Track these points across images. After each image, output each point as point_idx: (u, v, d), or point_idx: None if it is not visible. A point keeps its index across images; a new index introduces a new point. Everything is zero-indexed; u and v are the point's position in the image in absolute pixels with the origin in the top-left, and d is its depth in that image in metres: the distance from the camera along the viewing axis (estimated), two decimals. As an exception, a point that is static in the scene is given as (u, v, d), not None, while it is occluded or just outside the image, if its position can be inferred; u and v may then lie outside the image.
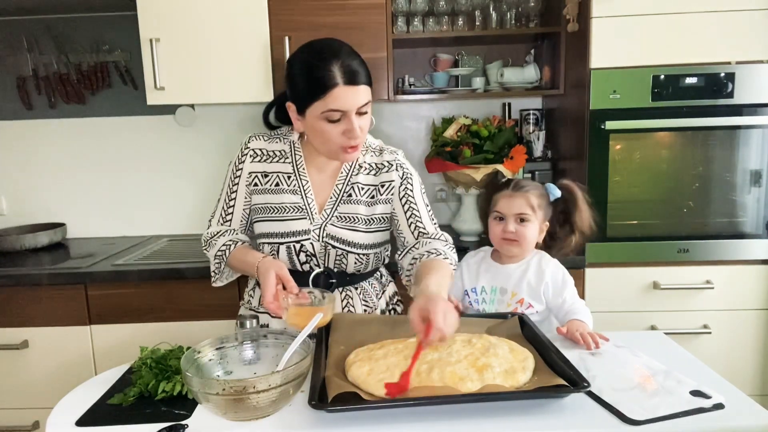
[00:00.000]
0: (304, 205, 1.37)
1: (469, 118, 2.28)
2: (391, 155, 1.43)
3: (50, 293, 1.97)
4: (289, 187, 1.38)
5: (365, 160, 1.41)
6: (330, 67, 1.21)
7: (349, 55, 1.25)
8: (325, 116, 1.24)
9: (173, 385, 1.09)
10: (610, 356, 1.20)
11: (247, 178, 1.41)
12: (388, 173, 1.40)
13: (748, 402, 1.01)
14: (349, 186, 1.39)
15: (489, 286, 1.50)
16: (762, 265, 2.02)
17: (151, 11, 2.09)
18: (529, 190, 1.48)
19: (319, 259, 1.39)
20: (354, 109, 1.24)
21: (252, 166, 1.41)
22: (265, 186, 1.40)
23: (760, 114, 1.96)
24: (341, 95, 1.22)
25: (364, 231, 1.39)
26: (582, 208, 1.50)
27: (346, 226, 1.37)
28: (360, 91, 1.24)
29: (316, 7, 2.10)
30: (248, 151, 1.41)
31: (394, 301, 1.55)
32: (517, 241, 1.45)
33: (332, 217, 1.37)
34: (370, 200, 1.40)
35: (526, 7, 2.25)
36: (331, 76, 1.21)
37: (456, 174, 2.18)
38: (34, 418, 2.05)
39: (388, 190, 1.40)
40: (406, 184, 1.41)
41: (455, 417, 0.97)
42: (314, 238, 1.37)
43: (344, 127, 1.25)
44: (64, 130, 2.53)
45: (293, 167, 1.39)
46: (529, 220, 1.46)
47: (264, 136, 1.43)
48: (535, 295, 1.44)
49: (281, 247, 1.38)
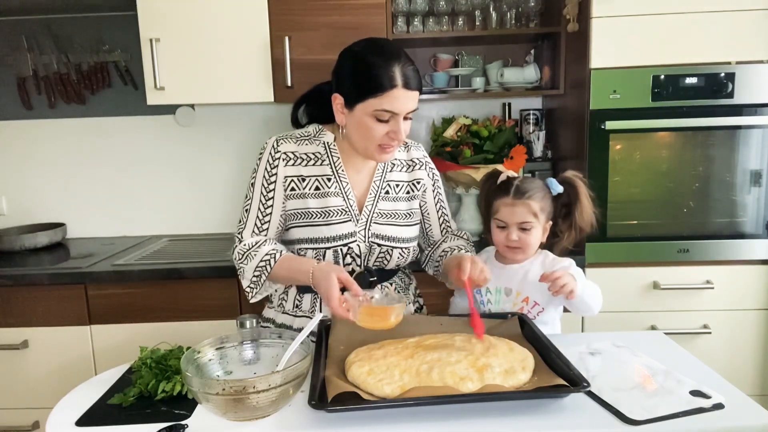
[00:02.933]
0: (347, 207, 1.37)
1: (469, 118, 2.28)
2: (417, 152, 1.49)
3: (50, 293, 1.97)
4: (330, 189, 1.37)
5: (396, 157, 1.47)
6: (392, 68, 1.24)
7: (408, 60, 1.29)
8: (375, 114, 1.26)
9: (173, 385, 1.09)
10: (610, 356, 1.20)
11: (283, 184, 1.36)
12: (419, 171, 1.48)
13: (748, 402, 1.01)
14: (385, 183, 1.43)
15: (493, 286, 1.49)
16: (762, 265, 2.02)
17: (151, 11, 2.09)
18: (531, 195, 1.44)
19: (364, 259, 1.39)
20: (404, 112, 1.27)
21: (286, 170, 1.36)
22: (304, 190, 1.36)
23: (760, 114, 1.96)
24: (398, 97, 1.24)
25: (405, 225, 1.43)
26: (583, 202, 1.46)
27: (388, 222, 1.40)
28: (414, 96, 1.28)
29: (316, 7, 2.10)
30: (280, 155, 1.36)
31: (417, 293, 1.58)
32: (521, 248, 1.45)
33: (373, 215, 1.39)
34: (406, 195, 1.45)
35: (526, 7, 2.25)
36: (392, 77, 1.23)
37: (456, 174, 2.18)
38: (34, 418, 2.05)
39: (420, 187, 1.47)
40: (437, 183, 1.51)
41: (455, 417, 0.97)
42: (360, 240, 1.37)
43: (390, 128, 1.28)
44: (64, 130, 2.53)
45: (332, 169, 1.38)
46: (532, 227, 1.43)
47: (291, 138, 1.39)
48: (539, 292, 1.43)
49: (328, 252, 1.36)
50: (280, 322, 1.44)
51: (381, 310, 1.17)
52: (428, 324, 1.28)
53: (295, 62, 2.11)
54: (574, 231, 1.48)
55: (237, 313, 1.86)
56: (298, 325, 1.40)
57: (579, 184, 1.47)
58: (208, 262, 2.02)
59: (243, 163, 2.52)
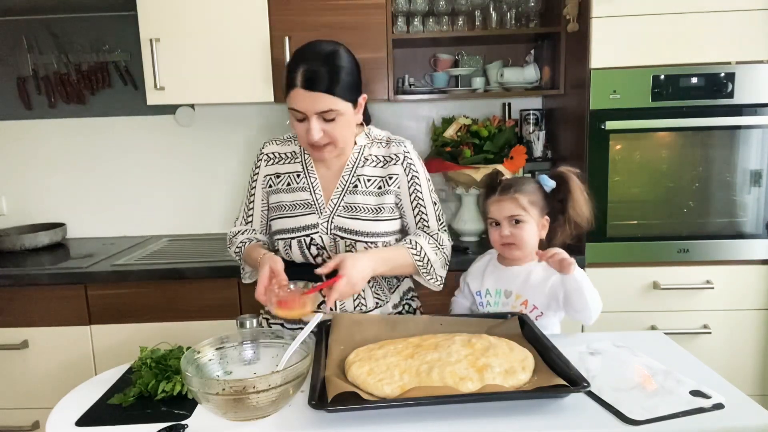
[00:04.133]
0: (313, 201, 1.44)
1: (469, 118, 2.28)
2: (397, 147, 1.48)
3: (50, 293, 1.97)
4: (298, 184, 1.46)
5: (371, 153, 1.48)
6: (296, 69, 1.31)
7: (319, 62, 1.31)
8: (291, 113, 1.35)
9: (173, 385, 1.09)
10: (610, 356, 1.20)
11: (263, 181, 1.51)
12: (395, 166, 1.46)
13: (748, 402, 1.01)
14: (355, 177, 1.45)
15: (494, 288, 1.49)
16: (762, 265, 2.02)
17: (151, 11, 2.09)
18: (518, 190, 1.44)
19: (330, 251, 1.43)
20: (311, 112, 1.32)
21: (266, 170, 1.51)
22: (279, 186, 1.49)
23: (760, 114, 1.96)
24: (298, 97, 1.31)
25: (371, 219, 1.43)
26: (576, 195, 1.44)
27: (352, 215, 1.42)
28: (317, 97, 1.30)
29: (316, 7, 2.10)
30: (263, 156, 1.52)
31: (409, 296, 1.57)
32: (515, 244, 1.45)
33: (338, 208, 1.43)
34: (377, 191, 1.45)
35: (526, 7, 2.25)
36: (294, 77, 1.31)
37: (456, 174, 2.18)
38: (34, 418, 2.05)
39: (395, 182, 1.46)
40: (415, 180, 1.47)
41: (455, 417, 0.97)
42: (323, 231, 1.42)
43: (307, 128, 1.34)
44: (64, 130, 2.53)
45: (302, 166, 1.48)
46: (523, 221, 1.43)
47: (278, 141, 1.54)
48: (539, 296, 1.43)
49: (293, 242, 1.44)
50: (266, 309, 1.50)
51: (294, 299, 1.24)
52: (428, 324, 1.28)
53: (295, 62, 2.11)
54: (569, 225, 1.46)
55: (237, 313, 1.85)
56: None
57: (570, 178, 1.45)
58: (208, 262, 2.02)
59: (243, 162, 2.52)
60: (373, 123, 1.59)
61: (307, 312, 1.25)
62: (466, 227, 2.26)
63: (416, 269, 1.43)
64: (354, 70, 1.37)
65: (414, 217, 1.49)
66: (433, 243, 1.45)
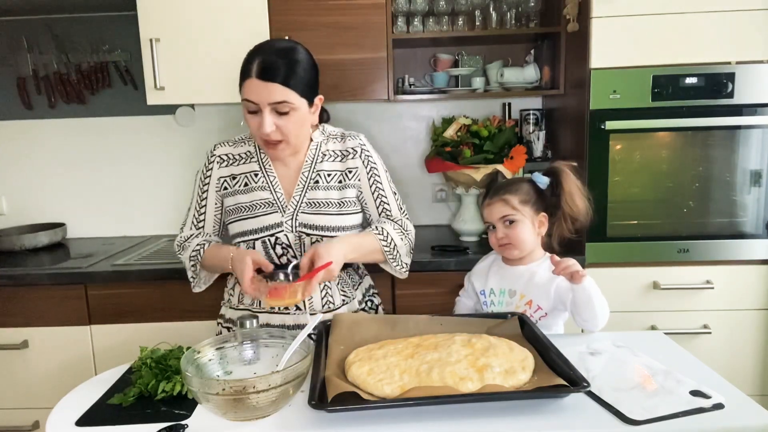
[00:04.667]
0: (274, 200, 1.42)
1: (469, 118, 2.28)
2: (353, 141, 1.49)
3: (50, 293, 1.97)
4: (257, 184, 1.44)
5: (328, 148, 1.48)
6: (252, 60, 1.33)
7: (275, 55, 1.31)
8: (244, 105, 1.34)
9: (173, 385, 1.09)
10: (610, 356, 1.20)
11: (217, 184, 1.48)
12: (353, 159, 1.47)
13: (748, 402, 1.01)
14: (315, 173, 1.44)
15: (497, 288, 1.49)
16: (762, 265, 2.02)
17: (151, 11, 2.09)
18: (508, 190, 1.45)
19: (295, 249, 1.42)
20: (264, 103, 1.30)
21: (220, 172, 1.47)
22: (235, 188, 1.45)
23: (760, 114, 1.96)
24: (252, 87, 1.31)
25: (335, 214, 1.43)
26: (568, 189, 1.43)
27: (316, 211, 1.42)
28: (271, 88, 1.30)
29: (316, 7, 2.10)
30: (215, 158, 1.49)
31: (371, 293, 1.58)
32: (511, 244, 1.45)
33: (301, 204, 1.42)
34: (338, 185, 1.45)
35: (526, 7, 2.25)
36: (249, 68, 1.31)
37: (456, 174, 2.18)
38: (34, 418, 2.05)
39: (355, 175, 1.47)
40: (373, 172, 1.49)
41: (455, 417, 0.97)
42: (287, 229, 1.41)
43: (259, 120, 1.32)
44: (64, 130, 2.54)
45: (260, 165, 1.45)
46: (516, 220, 1.43)
47: (229, 142, 1.51)
48: (543, 296, 1.43)
49: (257, 243, 1.43)
50: (228, 317, 1.50)
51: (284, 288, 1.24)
52: (428, 324, 1.28)
53: (295, 62, 2.12)
54: (564, 220, 1.46)
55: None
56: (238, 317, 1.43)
57: (563, 173, 1.45)
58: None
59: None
60: (374, 123, 1.60)
61: (299, 300, 1.25)
62: (466, 227, 2.26)
63: (384, 255, 1.44)
64: (311, 69, 1.37)
65: (376, 208, 1.50)
66: (398, 229, 1.48)
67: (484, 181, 2.17)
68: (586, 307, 1.34)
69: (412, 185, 2.59)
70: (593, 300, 1.33)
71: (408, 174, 2.58)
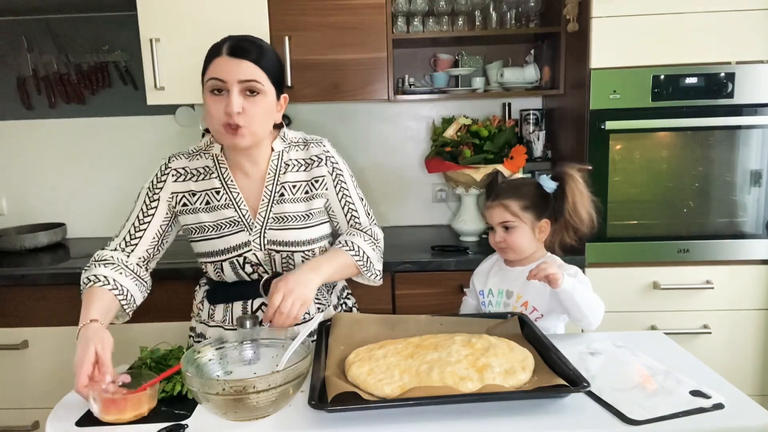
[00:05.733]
0: (240, 218, 1.34)
1: (469, 118, 2.28)
2: (317, 148, 1.41)
3: (50, 293, 1.97)
4: (220, 202, 1.35)
5: (291, 157, 1.39)
6: (222, 42, 1.29)
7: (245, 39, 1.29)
8: (209, 86, 1.28)
9: (173, 385, 1.09)
10: (610, 356, 1.20)
11: (169, 199, 1.37)
12: (318, 168, 1.39)
13: (748, 402, 1.01)
14: (279, 186, 1.37)
15: (496, 288, 1.50)
16: (762, 265, 2.02)
17: (151, 11, 2.09)
18: (510, 196, 1.43)
19: (266, 266, 1.37)
20: (233, 80, 1.24)
21: (175, 186, 1.37)
22: (195, 205, 1.36)
23: (760, 114, 1.96)
24: (222, 64, 1.26)
25: (303, 227, 1.37)
26: (575, 199, 1.40)
27: (283, 226, 1.35)
28: (242, 65, 1.25)
29: (316, 7, 2.10)
30: (169, 171, 1.37)
31: (345, 295, 1.56)
32: (509, 248, 1.45)
33: (268, 221, 1.35)
34: (305, 196, 1.38)
35: (526, 7, 2.25)
36: (218, 47, 1.28)
37: (456, 174, 2.18)
38: (34, 418, 2.05)
39: (322, 184, 1.40)
40: (339, 179, 1.41)
41: (455, 417, 0.97)
42: (256, 248, 1.35)
43: (225, 102, 1.25)
44: (64, 130, 2.54)
45: (221, 181, 1.36)
46: (515, 227, 1.43)
47: (184, 155, 1.40)
48: (539, 298, 1.43)
49: (224, 264, 1.36)
50: (199, 331, 1.46)
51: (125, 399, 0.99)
52: (428, 324, 1.28)
53: (295, 62, 2.12)
54: (566, 229, 1.44)
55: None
56: (210, 334, 1.41)
57: (570, 180, 1.41)
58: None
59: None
60: (374, 123, 1.59)
61: (144, 412, 1.00)
62: (466, 227, 2.26)
63: (359, 269, 1.39)
64: (279, 62, 1.33)
65: (345, 216, 1.43)
66: (369, 240, 1.42)
67: (484, 181, 2.17)
68: (573, 307, 1.33)
69: (412, 185, 2.59)
70: (576, 300, 1.31)
71: (408, 174, 2.58)
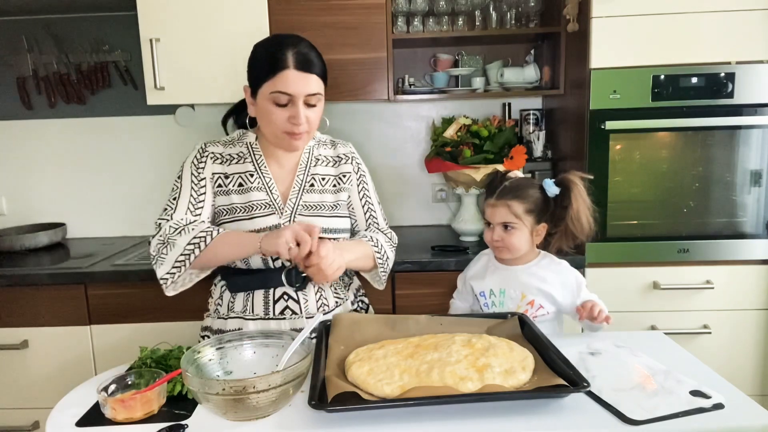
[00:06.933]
0: (271, 201, 1.40)
1: (469, 118, 2.28)
2: (344, 148, 1.53)
3: (50, 293, 1.97)
4: (253, 184, 1.40)
5: (321, 153, 1.50)
6: (285, 51, 1.29)
7: (306, 48, 1.32)
8: (273, 98, 1.31)
9: (173, 385, 1.09)
10: (610, 356, 1.20)
11: (211, 179, 1.41)
12: (345, 165, 1.50)
13: (748, 402, 1.01)
14: (310, 176, 1.45)
15: (497, 288, 1.49)
16: (762, 265, 2.02)
17: (151, 11, 2.09)
18: (515, 196, 1.43)
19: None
20: (301, 95, 1.30)
21: (213, 167, 1.42)
22: (229, 187, 1.41)
23: (760, 114, 1.96)
24: (290, 78, 1.28)
25: (330, 216, 1.44)
26: (576, 207, 1.40)
27: (314, 213, 1.41)
28: (310, 79, 1.30)
29: (316, 7, 2.10)
30: (208, 154, 1.43)
31: (360, 293, 1.59)
32: (505, 247, 1.46)
33: (298, 207, 1.41)
34: (333, 188, 1.47)
35: (526, 7, 2.25)
36: (284, 59, 1.28)
37: (456, 174, 2.18)
38: (34, 418, 2.05)
39: (348, 180, 1.49)
40: (363, 179, 1.52)
41: (455, 417, 0.97)
42: None
43: (290, 113, 1.31)
44: (64, 130, 2.53)
45: (254, 166, 1.43)
46: (515, 228, 1.43)
47: (219, 142, 1.46)
48: (545, 297, 1.43)
49: None
50: (216, 327, 1.46)
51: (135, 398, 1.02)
52: (428, 324, 1.28)
53: (295, 62, 2.12)
54: (565, 236, 1.44)
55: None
56: (231, 327, 1.41)
57: (574, 187, 1.41)
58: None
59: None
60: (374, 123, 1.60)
61: (155, 410, 1.03)
62: (466, 227, 2.26)
63: (376, 264, 1.45)
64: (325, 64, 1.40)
65: (364, 215, 1.52)
66: (388, 241, 1.51)
67: (484, 181, 2.17)
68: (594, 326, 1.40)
69: (412, 185, 2.59)
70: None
71: (408, 174, 2.58)
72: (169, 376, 1.06)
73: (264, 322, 1.39)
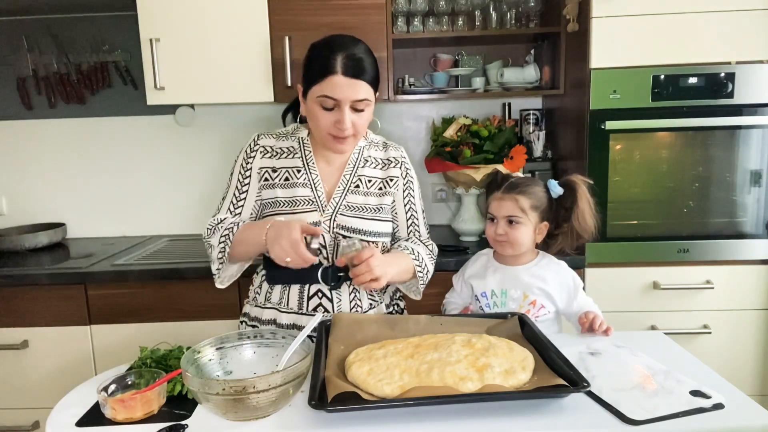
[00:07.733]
0: (315, 198, 1.40)
1: (469, 118, 2.28)
2: (396, 152, 1.50)
3: (50, 293, 1.97)
4: (299, 180, 1.41)
5: (371, 154, 1.48)
6: (333, 56, 1.27)
7: (357, 51, 1.29)
8: (319, 101, 1.30)
9: (173, 385, 1.09)
10: (610, 356, 1.20)
11: (258, 174, 1.43)
12: (394, 168, 1.48)
13: (748, 402, 1.01)
14: (356, 177, 1.44)
15: (499, 288, 1.48)
16: (762, 265, 2.02)
17: (151, 11, 2.09)
18: (522, 191, 1.43)
19: (329, 250, 1.40)
20: (347, 101, 1.28)
21: (262, 162, 1.43)
22: (275, 181, 1.41)
23: (760, 114, 1.96)
24: (337, 84, 1.27)
25: (372, 219, 1.42)
26: (582, 207, 1.42)
27: (355, 215, 1.41)
28: (357, 85, 1.28)
29: (316, 7, 2.10)
30: (258, 148, 1.44)
31: (397, 297, 1.57)
32: (508, 242, 1.45)
33: (340, 207, 1.40)
34: (378, 191, 1.45)
35: (526, 7, 2.25)
36: (332, 64, 1.27)
37: (456, 174, 2.18)
38: (34, 418, 2.05)
39: (395, 184, 1.47)
40: (409, 185, 1.51)
41: (455, 417, 0.97)
42: (325, 229, 1.39)
43: (336, 117, 1.30)
44: (64, 130, 2.54)
45: (303, 161, 1.43)
46: (520, 223, 1.42)
47: (272, 135, 1.47)
48: (546, 297, 1.44)
49: None
50: (254, 315, 1.48)
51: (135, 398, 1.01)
52: (428, 324, 1.28)
53: (296, 62, 2.11)
54: (570, 235, 1.45)
55: (237, 313, 1.85)
56: (266, 317, 1.43)
57: (580, 188, 1.43)
58: (208, 262, 2.00)
59: (243, 163, 2.52)
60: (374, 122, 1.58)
61: (155, 410, 1.03)
62: (466, 227, 2.26)
63: (414, 277, 1.43)
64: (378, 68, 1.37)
65: (406, 222, 1.50)
66: (429, 253, 1.49)
67: (483, 181, 2.17)
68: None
69: (412, 185, 2.59)
70: None
71: (408, 174, 2.58)
72: (169, 376, 1.06)
73: (297, 316, 1.40)
